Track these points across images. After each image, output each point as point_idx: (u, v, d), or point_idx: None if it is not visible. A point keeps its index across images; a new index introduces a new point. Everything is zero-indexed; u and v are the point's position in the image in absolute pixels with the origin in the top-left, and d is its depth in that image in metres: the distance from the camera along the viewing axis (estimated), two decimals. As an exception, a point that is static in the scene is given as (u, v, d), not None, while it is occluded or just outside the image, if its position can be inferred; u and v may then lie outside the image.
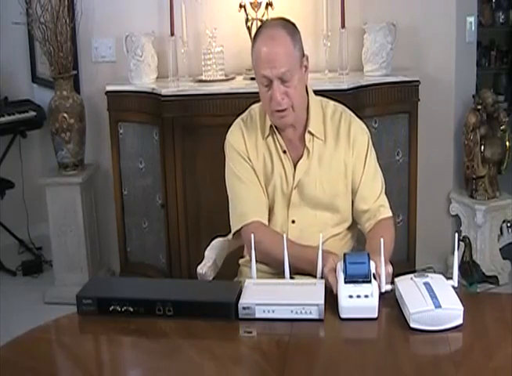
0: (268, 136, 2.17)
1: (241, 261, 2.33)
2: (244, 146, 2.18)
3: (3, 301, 3.70)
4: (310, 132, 2.14)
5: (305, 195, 2.14)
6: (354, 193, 2.17)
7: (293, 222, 2.16)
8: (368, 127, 2.27)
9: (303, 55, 2.09)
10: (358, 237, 2.29)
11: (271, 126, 2.16)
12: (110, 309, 1.78)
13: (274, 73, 2.01)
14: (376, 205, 2.17)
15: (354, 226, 2.25)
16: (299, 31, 2.11)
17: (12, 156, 4.24)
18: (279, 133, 2.16)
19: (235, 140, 2.20)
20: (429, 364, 1.57)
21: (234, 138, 2.21)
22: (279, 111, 2.06)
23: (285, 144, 2.16)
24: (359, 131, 2.18)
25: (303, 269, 2.01)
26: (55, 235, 3.73)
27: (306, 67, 2.11)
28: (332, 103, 2.23)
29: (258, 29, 2.13)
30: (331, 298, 1.76)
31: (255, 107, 2.25)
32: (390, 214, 2.21)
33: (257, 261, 1.91)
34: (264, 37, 2.05)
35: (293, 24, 2.11)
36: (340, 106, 2.23)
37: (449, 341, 1.62)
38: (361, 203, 2.17)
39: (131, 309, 1.77)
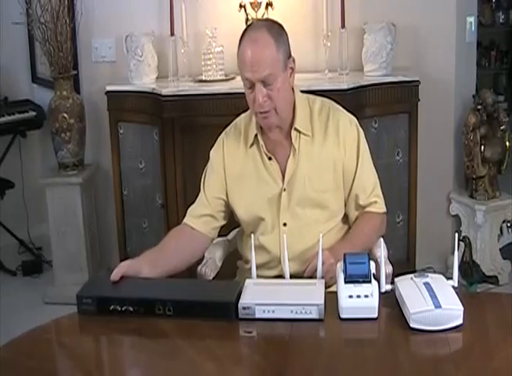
0: (252, 145, 2.17)
1: (239, 263, 2.33)
2: (222, 158, 2.20)
3: (3, 301, 3.70)
4: (296, 129, 2.14)
5: (295, 194, 2.14)
6: (347, 187, 2.17)
7: (284, 224, 2.15)
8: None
9: (288, 57, 2.09)
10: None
11: (256, 135, 2.16)
12: (110, 308, 1.78)
13: (256, 76, 2.02)
14: (370, 200, 2.18)
15: (347, 219, 2.25)
16: (286, 33, 2.10)
17: (12, 156, 4.24)
18: (264, 139, 2.16)
19: (213, 153, 2.24)
20: (429, 364, 1.57)
21: (213, 151, 2.25)
22: (262, 113, 2.07)
23: (272, 147, 2.16)
24: (348, 126, 2.17)
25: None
26: (55, 235, 3.73)
27: (292, 69, 2.11)
28: (319, 98, 2.22)
29: (244, 31, 2.12)
30: (331, 298, 1.76)
31: (241, 117, 2.26)
32: (380, 210, 2.22)
33: None
34: (247, 40, 2.05)
35: (280, 26, 2.11)
36: (328, 101, 2.22)
37: (449, 341, 1.62)
38: (355, 197, 2.18)
39: (131, 309, 1.77)
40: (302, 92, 2.23)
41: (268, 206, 2.15)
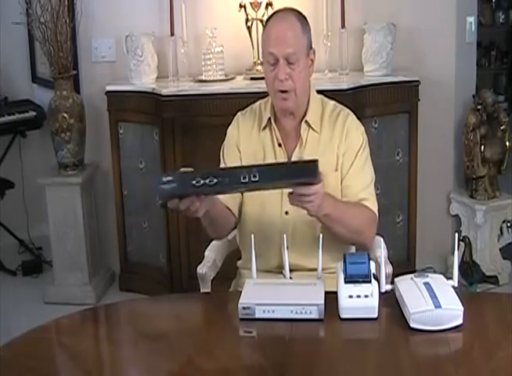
0: (264, 128, 2.19)
1: (239, 263, 2.33)
2: (237, 136, 2.23)
3: (3, 301, 3.70)
4: (307, 122, 2.16)
5: None
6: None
7: (286, 213, 2.16)
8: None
9: (310, 47, 2.15)
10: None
11: (269, 118, 2.18)
12: (193, 182, 1.71)
13: (281, 51, 2.06)
14: (357, 198, 2.15)
15: None
16: (309, 26, 2.17)
17: (12, 156, 4.24)
18: (277, 126, 2.18)
19: (230, 130, 2.27)
20: (429, 364, 1.57)
21: (230, 128, 2.27)
22: (281, 92, 2.09)
23: (282, 135, 2.18)
24: (354, 129, 2.19)
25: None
26: (55, 235, 3.73)
27: (312, 61, 2.16)
28: (333, 102, 2.26)
29: (270, 15, 2.21)
30: (331, 298, 1.76)
31: (258, 102, 2.28)
32: (372, 208, 2.18)
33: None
34: (275, 19, 2.14)
35: (305, 17, 2.18)
36: (340, 106, 2.26)
37: (449, 341, 1.62)
38: (343, 193, 2.16)
39: (215, 180, 1.71)
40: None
41: (270, 192, 2.15)
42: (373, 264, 1.79)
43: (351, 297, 1.72)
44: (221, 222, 2.15)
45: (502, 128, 3.75)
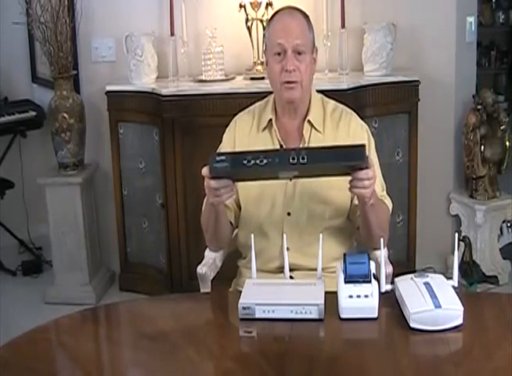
0: (264, 129, 2.18)
1: (240, 262, 2.33)
2: (233, 141, 2.22)
3: (3, 301, 3.70)
4: (309, 122, 2.16)
5: (300, 186, 2.14)
6: None
7: (288, 214, 2.16)
8: (368, 127, 2.27)
9: (314, 45, 2.17)
10: (358, 238, 2.28)
11: (270, 120, 2.17)
12: (244, 162, 1.77)
13: (289, 41, 2.08)
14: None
15: (351, 222, 2.24)
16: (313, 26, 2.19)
17: (12, 156, 4.24)
18: (278, 126, 2.17)
19: (225, 136, 2.26)
20: (429, 364, 1.57)
21: (226, 133, 2.26)
22: (288, 83, 2.09)
23: (283, 135, 2.17)
24: (358, 130, 2.19)
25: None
26: (55, 235, 3.73)
27: (315, 60, 2.17)
28: (333, 101, 2.26)
29: (275, 13, 2.21)
30: (331, 298, 1.76)
31: (256, 104, 2.27)
32: (390, 208, 2.19)
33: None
34: (282, 14, 2.15)
35: (309, 17, 2.19)
36: (341, 106, 2.25)
37: (449, 341, 1.62)
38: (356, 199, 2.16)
39: (265, 161, 1.77)
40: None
41: (273, 193, 2.15)
42: (373, 264, 1.79)
43: (351, 297, 1.72)
44: (222, 224, 2.14)
45: (502, 128, 3.75)
